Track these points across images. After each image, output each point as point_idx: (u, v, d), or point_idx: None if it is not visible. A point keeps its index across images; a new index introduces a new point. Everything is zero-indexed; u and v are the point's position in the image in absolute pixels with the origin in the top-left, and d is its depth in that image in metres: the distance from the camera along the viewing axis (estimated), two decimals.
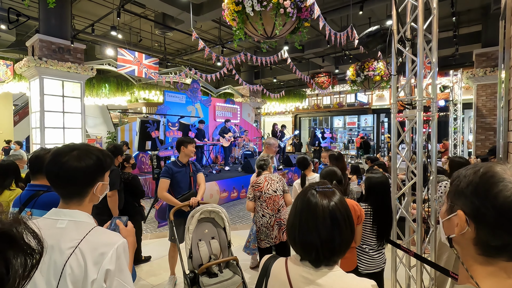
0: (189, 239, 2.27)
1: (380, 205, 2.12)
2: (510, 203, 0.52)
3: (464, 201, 0.58)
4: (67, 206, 1.01)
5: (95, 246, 0.94)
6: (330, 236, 0.84)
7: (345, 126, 19.07)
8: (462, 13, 8.60)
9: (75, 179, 1.00)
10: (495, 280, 0.56)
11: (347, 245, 0.87)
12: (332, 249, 0.84)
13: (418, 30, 2.29)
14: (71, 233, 0.94)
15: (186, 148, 3.08)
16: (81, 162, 1.00)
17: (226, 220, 2.43)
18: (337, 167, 2.17)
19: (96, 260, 0.92)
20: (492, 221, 0.54)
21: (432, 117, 2.36)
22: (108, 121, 15.85)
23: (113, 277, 0.94)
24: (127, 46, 9.15)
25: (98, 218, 3.35)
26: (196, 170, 3.23)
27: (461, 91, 9.12)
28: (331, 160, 3.06)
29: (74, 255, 0.91)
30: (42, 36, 6.95)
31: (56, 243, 0.92)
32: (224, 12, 3.78)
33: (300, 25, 3.88)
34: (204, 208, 2.36)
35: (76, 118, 7.74)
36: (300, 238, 0.86)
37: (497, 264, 0.56)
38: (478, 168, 0.58)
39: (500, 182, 0.54)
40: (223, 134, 8.50)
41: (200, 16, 7.61)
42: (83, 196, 1.03)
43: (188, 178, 3.12)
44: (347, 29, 5.06)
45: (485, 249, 0.56)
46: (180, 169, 3.09)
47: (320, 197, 0.88)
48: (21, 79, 8.72)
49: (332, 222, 0.84)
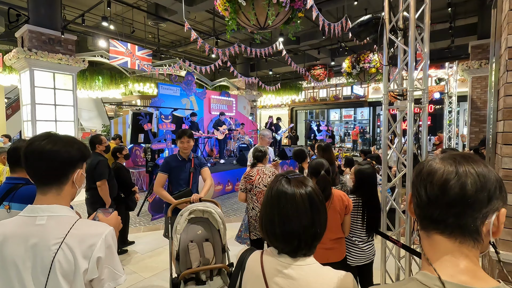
0: (176, 240, 2.02)
1: (369, 196, 2.11)
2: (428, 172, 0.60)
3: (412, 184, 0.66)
4: (44, 199, 0.96)
5: (82, 238, 0.93)
6: (311, 221, 0.84)
7: (341, 119, 19.09)
8: (458, 4, 8.52)
9: (55, 162, 0.96)
10: (446, 260, 0.58)
11: (325, 227, 0.88)
12: (314, 234, 0.84)
13: (409, 19, 2.25)
14: (54, 229, 0.92)
15: (181, 144, 2.83)
16: (60, 146, 0.97)
17: (220, 222, 2.11)
18: (324, 158, 2.15)
19: (85, 253, 0.92)
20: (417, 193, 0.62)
21: (423, 108, 2.34)
22: (103, 114, 15.70)
23: (103, 265, 0.94)
24: (120, 38, 8.99)
25: (93, 207, 3.37)
26: (200, 165, 2.96)
27: (456, 83, 9.12)
28: (319, 151, 3.04)
29: (61, 250, 0.90)
30: (32, 26, 6.79)
31: (39, 240, 0.90)
32: (216, 1, 3.69)
33: (293, 15, 3.81)
34: (194, 207, 2.10)
35: (69, 111, 7.63)
36: (281, 229, 0.84)
37: (433, 237, 0.60)
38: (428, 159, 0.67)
39: (428, 162, 0.63)
40: (217, 127, 8.46)
41: (193, 7, 7.47)
42: (62, 183, 0.99)
43: (188, 174, 2.86)
44: (341, 19, 4.99)
45: (420, 220, 0.63)
46: (180, 164, 2.86)
47: (294, 185, 0.87)
48: (11, 71, 8.55)
49: (312, 207, 0.85)
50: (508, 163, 1.51)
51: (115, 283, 0.97)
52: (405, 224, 2.31)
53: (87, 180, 3.24)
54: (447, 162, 0.58)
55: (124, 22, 9.51)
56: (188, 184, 2.85)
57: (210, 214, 2.10)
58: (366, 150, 7.76)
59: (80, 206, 5.70)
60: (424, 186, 0.59)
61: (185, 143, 2.83)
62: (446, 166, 0.58)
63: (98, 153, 3.31)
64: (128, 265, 3.50)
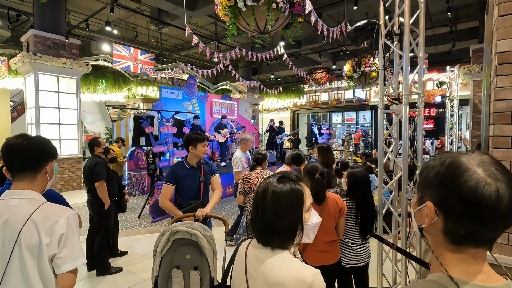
0: (156, 265, 1.67)
1: (362, 199, 2.13)
2: (473, 193, 0.52)
3: (432, 192, 0.59)
4: (19, 185, 1.14)
5: (46, 217, 1.07)
6: (274, 217, 0.91)
7: (343, 123, 19.07)
8: (459, 8, 8.54)
9: (31, 155, 1.15)
10: (464, 266, 0.58)
11: (292, 230, 0.92)
12: (276, 229, 0.91)
13: (404, 24, 2.29)
14: (23, 208, 1.08)
15: (195, 149, 2.45)
16: (34, 142, 1.17)
17: (209, 249, 1.67)
18: (324, 159, 2.17)
19: (48, 229, 1.06)
20: (458, 211, 0.55)
21: (418, 112, 2.36)
22: (107, 117, 15.83)
23: (64, 243, 1.07)
24: (123, 42, 9.11)
25: (92, 208, 3.40)
26: (210, 172, 2.59)
27: (458, 87, 9.10)
28: (320, 152, 3.07)
29: (26, 226, 1.04)
30: (37, 31, 6.92)
31: (10, 216, 1.06)
32: (217, 7, 3.75)
33: (293, 20, 3.86)
34: (177, 227, 1.69)
35: (72, 114, 7.73)
36: (254, 223, 0.95)
37: (466, 251, 0.58)
38: (444, 159, 0.59)
39: (465, 173, 0.54)
40: (218, 130, 8.51)
41: (195, 11, 7.56)
42: (36, 173, 1.16)
43: (198, 184, 2.49)
44: (340, 24, 5.03)
45: (453, 237, 0.58)
46: (188, 172, 2.48)
47: (277, 184, 0.94)
48: (17, 75, 8.69)
49: (274, 203, 0.92)
50: None
51: (73, 264, 1.08)
52: (401, 227, 2.32)
53: (86, 181, 3.28)
54: (485, 172, 0.54)
55: (127, 27, 9.65)
56: (199, 196, 2.49)
57: (197, 237, 1.67)
58: (367, 153, 7.77)
59: (82, 208, 5.76)
60: (466, 202, 0.53)
61: (204, 148, 2.50)
62: (494, 182, 0.53)
63: (97, 155, 3.36)
64: (128, 266, 3.53)
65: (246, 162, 3.94)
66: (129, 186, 7.56)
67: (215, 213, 2.21)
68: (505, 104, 1.51)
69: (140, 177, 7.65)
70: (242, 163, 3.88)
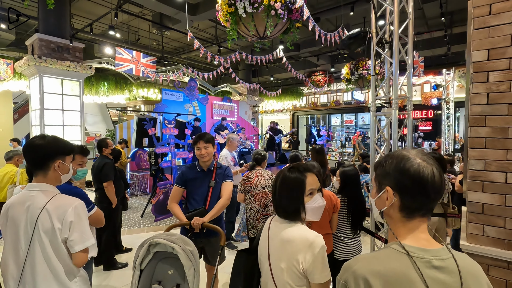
0: (136, 279, 1.53)
1: (353, 195, 2.29)
2: (418, 173, 0.73)
3: (389, 179, 0.78)
4: (36, 179, 1.38)
5: (58, 206, 1.32)
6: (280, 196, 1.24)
7: (342, 124, 19.25)
8: (455, 12, 8.73)
9: (38, 151, 1.36)
10: (411, 235, 0.77)
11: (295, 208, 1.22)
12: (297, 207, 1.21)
13: (393, 33, 2.45)
14: (40, 198, 1.33)
15: (198, 150, 2.26)
16: (44, 140, 1.38)
17: (190, 266, 1.51)
18: (317, 160, 2.33)
19: (59, 216, 1.31)
20: (410, 188, 0.75)
21: (407, 115, 2.52)
22: (107, 119, 16.00)
23: (74, 228, 1.31)
24: (126, 45, 9.29)
25: (100, 205, 3.58)
26: (223, 177, 2.36)
27: (453, 89, 9.28)
28: (313, 153, 3.22)
29: (42, 213, 1.30)
30: (42, 35, 7.09)
31: (31, 203, 1.32)
32: (218, 13, 3.93)
33: (291, 25, 4.03)
34: (156, 240, 1.55)
35: (75, 116, 7.89)
36: (277, 203, 1.26)
37: (414, 222, 0.77)
38: (393, 154, 0.81)
39: (409, 160, 0.76)
40: (218, 131, 8.67)
41: (196, 16, 7.74)
42: (46, 169, 1.38)
43: (206, 189, 2.28)
44: (338, 29, 5.20)
45: (407, 211, 0.77)
46: (198, 176, 2.32)
47: (286, 172, 1.26)
48: (21, 78, 8.85)
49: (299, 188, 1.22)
50: (474, 164, 1.69)
51: (83, 245, 1.33)
52: None
53: (94, 181, 3.44)
54: (421, 158, 0.75)
55: (129, 30, 9.83)
56: (205, 202, 2.27)
57: (176, 251, 1.52)
58: (364, 154, 7.90)
59: None
60: (414, 180, 0.73)
61: (202, 150, 2.25)
62: (429, 165, 0.74)
63: (105, 155, 3.51)
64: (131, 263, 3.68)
65: (232, 161, 4.17)
66: (131, 186, 7.71)
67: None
68: (479, 108, 1.67)
69: (142, 177, 7.80)
70: (228, 161, 4.15)
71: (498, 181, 1.63)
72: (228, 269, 3.51)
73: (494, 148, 1.63)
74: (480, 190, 1.68)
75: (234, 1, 3.59)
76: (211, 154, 2.31)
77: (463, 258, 0.74)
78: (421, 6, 8.04)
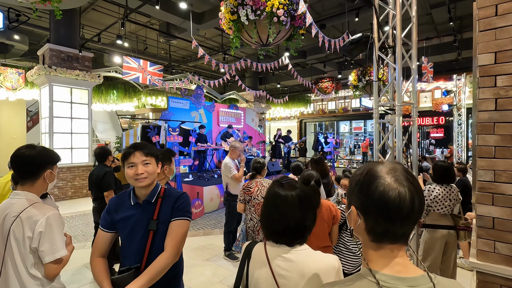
0: None
1: None
2: (382, 196, 0.63)
3: (354, 198, 0.69)
4: (22, 188, 1.38)
5: (31, 215, 1.31)
6: (302, 216, 1.04)
7: (351, 131, 18.99)
8: (464, 17, 8.55)
9: (29, 161, 1.37)
10: (383, 260, 0.66)
11: (314, 221, 1.10)
12: (304, 226, 1.05)
13: (396, 37, 2.37)
14: (17, 206, 1.33)
15: (131, 168, 1.35)
16: (34, 151, 1.38)
17: None
18: (317, 170, 2.24)
19: (31, 225, 1.29)
20: (373, 212, 0.64)
21: (412, 122, 2.41)
22: (117, 126, 16.25)
23: (44, 239, 1.29)
24: (134, 54, 9.46)
25: (99, 215, 3.53)
26: (174, 212, 1.39)
27: (465, 95, 9.02)
28: (312, 164, 3.12)
29: (15, 221, 1.30)
30: (52, 45, 7.28)
31: (9, 212, 1.32)
32: (221, 21, 3.93)
33: (294, 32, 3.99)
34: None
35: (84, 124, 8.02)
36: (278, 226, 1.04)
37: (385, 247, 0.67)
38: (364, 169, 0.70)
39: (376, 180, 0.65)
40: (225, 139, 8.65)
41: (202, 24, 7.83)
42: (35, 178, 1.38)
43: (145, 233, 1.36)
44: (342, 35, 5.14)
45: (374, 235, 0.67)
46: (130, 213, 1.39)
47: (287, 188, 1.08)
48: (33, 87, 9.11)
49: (301, 205, 1.05)
50: (483, 175, 1.57)
51: (53, 256, 1.30)
52: None
53: (94, 190, 3.41)
54: (392, 179, 0.64)
55: (138, 40, 10.02)
56: (141, 257, 1.35)
57: None
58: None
59: (88, 215, 5.92)
60: (377, 204, 0.63)
61: (139, 167, 1.35)
62: (398, 187, 0.62)
63: (105, 164, 3.50)
64: None
65: (235, 169, 4.09)
66: None
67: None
68: (487, 115, 1.56)
69: None
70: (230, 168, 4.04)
71: (509, 193, 1.50)
72: (227, 281, 3.41)
73: (504, 157, 1.51)
74: (490, 203, 1.55)
75: (237, 9, 3.58)
76: (154, 174, 1.40)
77: (448, 287, 0.64)
78: (429, 11, 7.91)
